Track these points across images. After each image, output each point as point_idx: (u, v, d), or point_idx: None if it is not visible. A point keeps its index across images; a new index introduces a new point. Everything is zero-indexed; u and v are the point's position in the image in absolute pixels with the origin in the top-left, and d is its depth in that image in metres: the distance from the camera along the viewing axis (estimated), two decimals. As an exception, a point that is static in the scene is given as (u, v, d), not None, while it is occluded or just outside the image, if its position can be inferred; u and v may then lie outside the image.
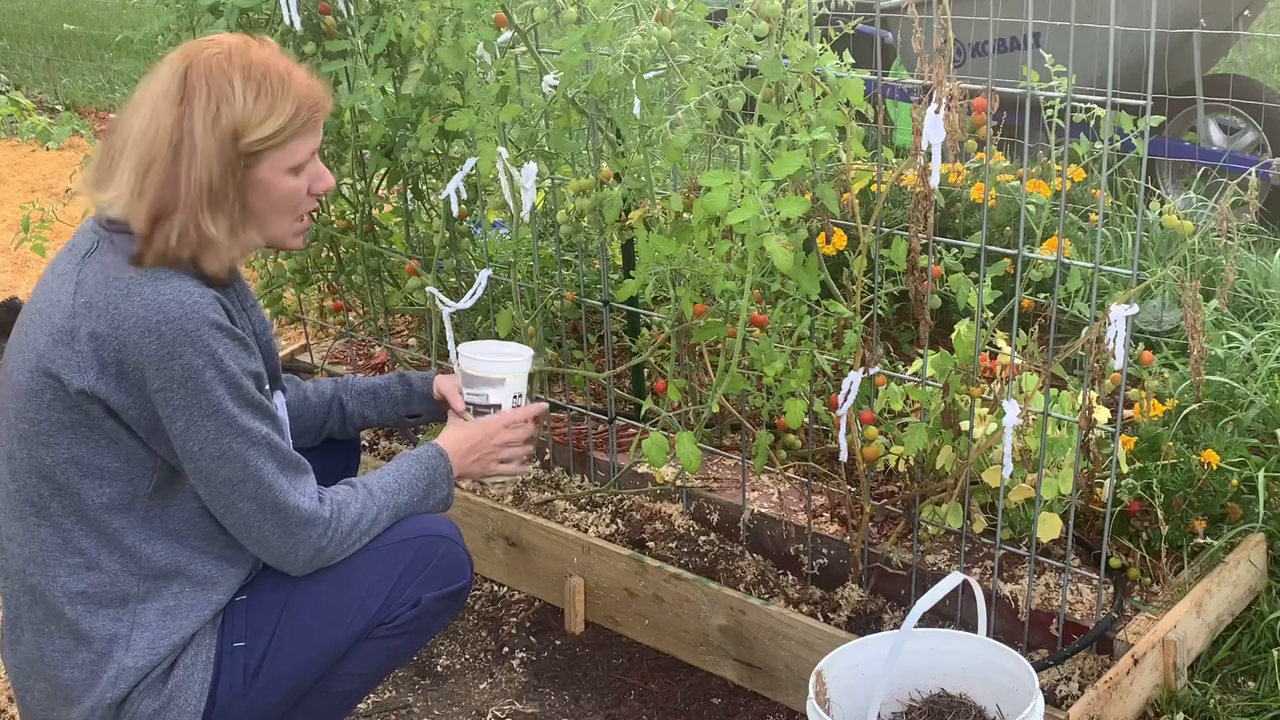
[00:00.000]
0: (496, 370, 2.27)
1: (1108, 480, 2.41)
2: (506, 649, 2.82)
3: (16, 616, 1.90)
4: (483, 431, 2.24)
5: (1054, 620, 2.48)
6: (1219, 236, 2.35)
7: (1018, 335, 2.35)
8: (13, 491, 1.87)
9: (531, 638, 2.85)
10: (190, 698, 1.88)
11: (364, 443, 3.44)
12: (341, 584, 1.96)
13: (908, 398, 2.71)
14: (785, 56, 2.27)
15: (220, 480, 1.84)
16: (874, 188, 3.10)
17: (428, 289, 3.01)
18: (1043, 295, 2.81)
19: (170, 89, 1.81)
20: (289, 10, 2.88)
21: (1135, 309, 2.16)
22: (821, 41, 2.29)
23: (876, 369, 2.49)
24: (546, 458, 3.27)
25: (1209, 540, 2.59)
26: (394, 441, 3.48)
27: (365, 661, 2.03)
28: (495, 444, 2.24)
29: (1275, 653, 2.48)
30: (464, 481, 2.32)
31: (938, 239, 2.38)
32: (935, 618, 2.58)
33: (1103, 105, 2.14)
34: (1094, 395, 2.33)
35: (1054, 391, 2.48)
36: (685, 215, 2.45)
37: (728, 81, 2.33)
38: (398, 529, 2.05)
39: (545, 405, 2.43)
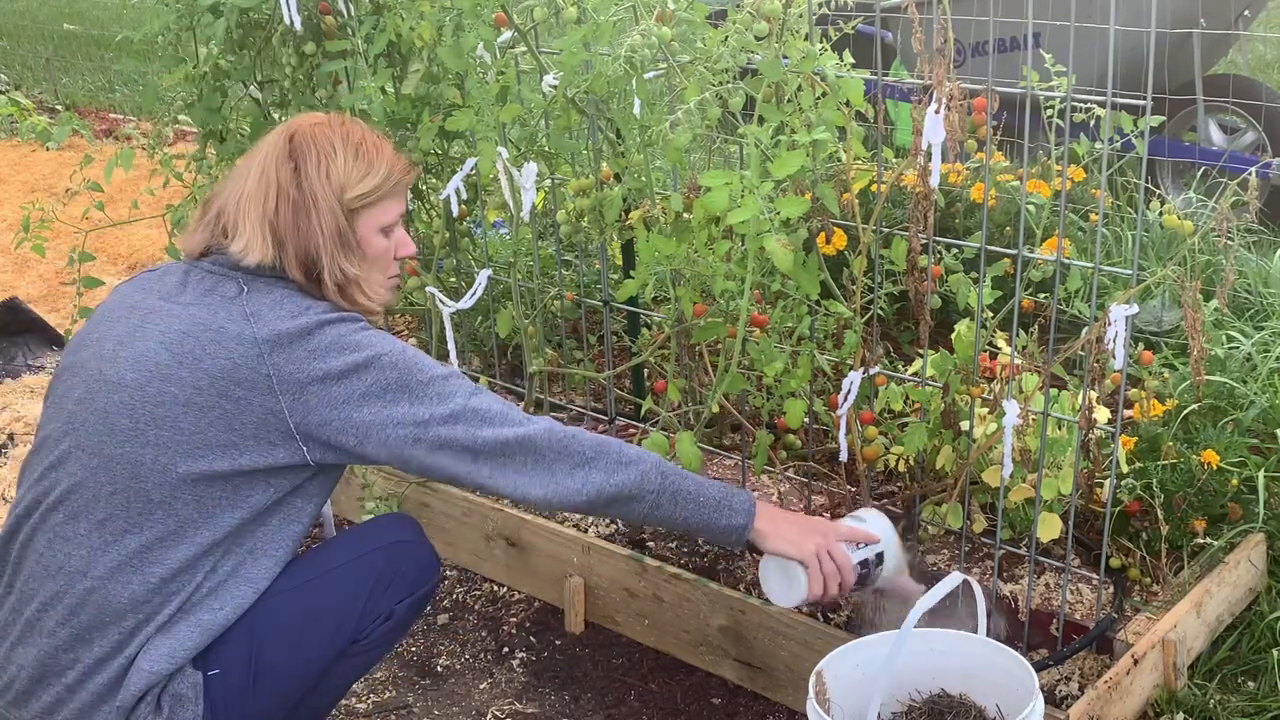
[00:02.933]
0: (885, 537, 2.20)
1: (1108, 480, 2.40)
2: (506, 649, 2.82)
3: (36, 619, 1.89)
4: (815, 521, 2.15)
5: (1054, 620, 2.48)
6: (1219, 236, 2.35)
7: (1018, 335, 2.35)
8: (105, 494, 1.86)
9: (531, 638, 2.85)
10: (187, 716, 1.89)
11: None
12: (313, 611, 1.99)
13: (908, 398, 2.71)
14: (785, 56, 2.27)
15: (450, 443, 1.92)
16: (874, 188, 3.09)
17: (428, 289, 3.01)
18: (1043, 295, 2.81)
19: (279, 153, 1.98)
20: (289, 10, 2.88)
21: (1135, 309, 2.16)
22: (821, 41, 2.29)
23: (876, 369, 2.49)
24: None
25: (1209, 540, 2.59)
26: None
27: (339, 677, 2.07)
28: (822, 531, 2.11)
29: (1275, 653, 2.48)
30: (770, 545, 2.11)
31: (938, 239, 2.38)
32: (934, 618, 2.58)
33: (1103, 105, 2.14)
34: (1094, 395, 2.33)
35: (1054, 391, 2.48)
36: (685, 215, 2.45)
37: (728, 81, 2.33)
38: (359, 541, 2.09)
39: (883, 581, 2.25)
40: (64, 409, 1.93)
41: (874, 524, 2.21)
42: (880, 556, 2.19)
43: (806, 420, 2.56)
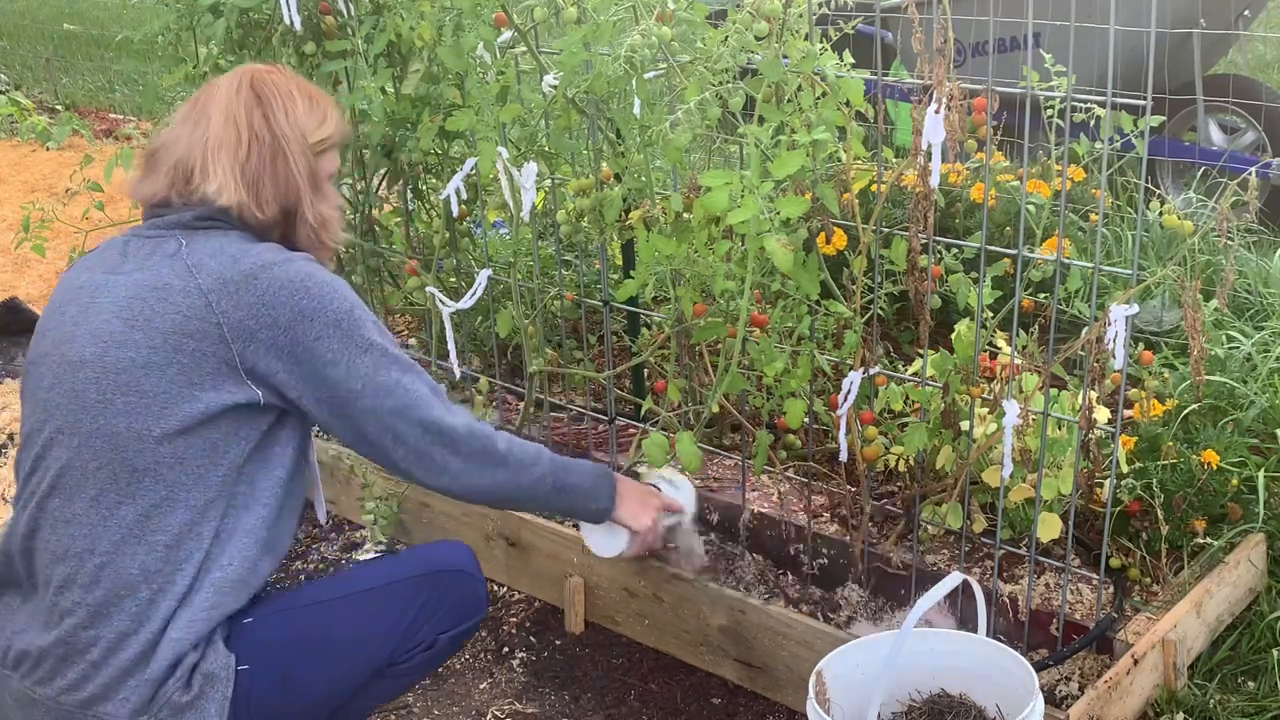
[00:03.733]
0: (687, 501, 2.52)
1: (1108, 480, 2.40)
2: (506, 649, 2.82)
3: (55, 602, 1.88)
4: (649, 491, 2.43)
5: (1054, 620, 2.48)
6: (1219, 236, 2.35)
7: (1018, 335, 2.35)
8: (92, 470, 1.87)
9: (531, 638, 2.85)
10: (216, 697, 1.87)
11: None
12: (357, 625, 1.99)
13: (908, 398, 2.71)
14: (785, 56, 2.27)
15: (387, 411, 1.95)
16: (874, 188, 3.10)
17: (428, 289, 3.01)
18: (1043, 295, 2.81)
19: (243, 98, 1.99)
20: (289, 10, 2.88)
21: (1135, 309, 2.16)
22: (821, 41, 2.29)
23: (876, 369, 2.49)
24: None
25: (1209, 540, 2.59)
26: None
27: (370, 697, 2.07)
28: (656, 504, 2.41)
29: (1275, 653, 2.48)
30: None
31: (938, 239, 2.38)
32: (935, 617, 2.58)
33: (1103, 105, 2.14)
34: (1094, 395, 2.33)
35: (1054, 391, 2.48)
36: (685, 215, 2.45)
37: (728, 81, 2.33)
38: (414, 562, 2.11)
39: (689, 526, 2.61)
40: (38, 399, 1.94)
41: (685, 494, 2.50)
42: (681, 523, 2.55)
43: (806, 420, 2.56)
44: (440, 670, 2.76)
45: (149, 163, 2.02)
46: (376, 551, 3.17)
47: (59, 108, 8.15)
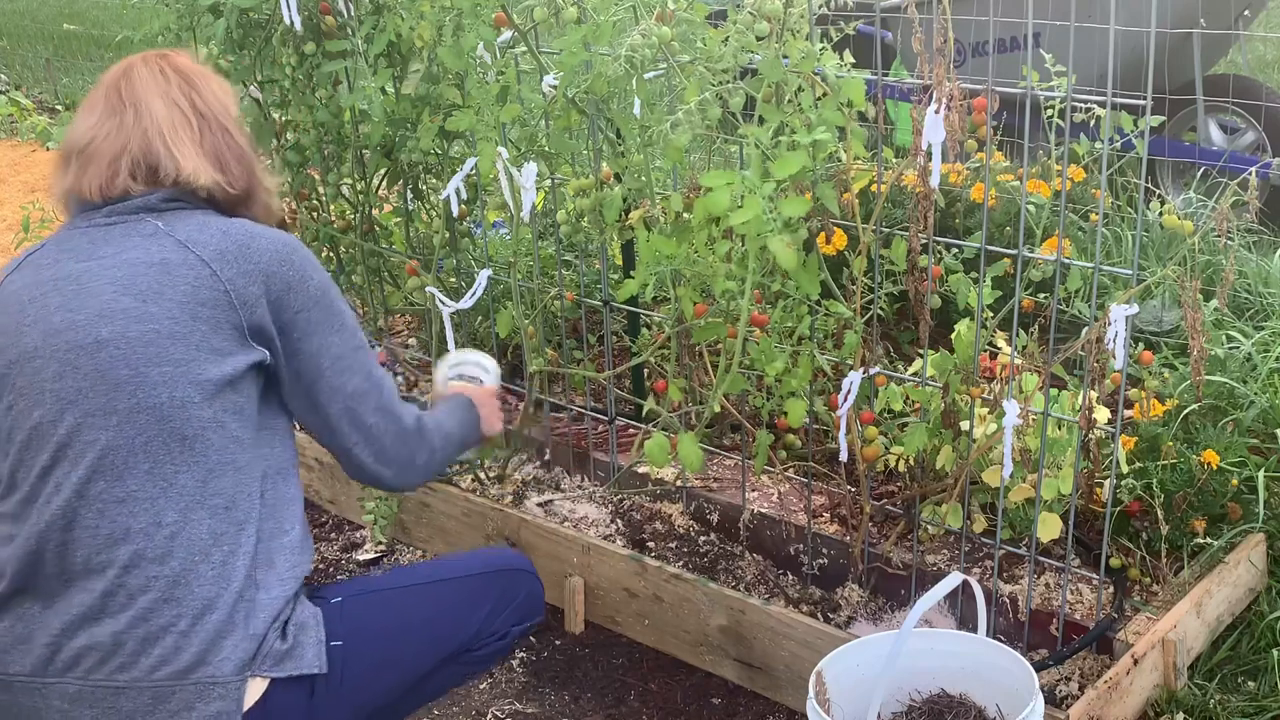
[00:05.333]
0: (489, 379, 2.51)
1: (1108, 480, 2.41)
2: (506, 649, 2.82)
3: (117, 588, 1.86)
4: (488, 395, 2.44)
5: (1054, 620, 2.48)
6: (1219, 236, 2.36)
7: (1018, 335, 2.35)
8: (140, 445, 1.86)
9: (531, 638, 2.85)
10: (311, 642, 1.91)
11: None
12: (441, 609, 2.08)
13: (908, 398, 2.71)
14: (785, 56, 2.27)
15: (349, 393, 2.00)
16: (874, 188, 3.10)
17: (428, 289, 3.01)
18: (1043, 295, 2.81)
19: (172, 80, 2.02)
20: (289, 10, 2.88)
21: (1135, 309, 2.16)
22: (822, 42, 2.29)
23: (876, 369, 2.49)
24: (547, 458, 3.27)
25: (1209, 540, 2.59)
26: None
27: (436, 682, 2.11)
28: (498, 405, 2.44)
29: (1275, 653, 2.48)
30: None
31: (938, 239, 2.38)
32: (935, 617, 2.58)
33: (1103, 105, 2.14)
34: (1094, 395, 2.33)
35: (1054, 391, 2.48)
36: (685, 215, 2.45)
37: (728, 81, 2.33)
38: (484, 560, 2.21)
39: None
40: (43, 393, 1.90)
41: (491, 368, 2.50)
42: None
43: (806, 420, 2.56)
44: (440, 670, 2.76)
45: (78, 159, 2.00)
46: (376, 552, 3.17)
47: (59, 108, 8.15)
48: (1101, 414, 2.45)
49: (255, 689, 1.84)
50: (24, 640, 1.87)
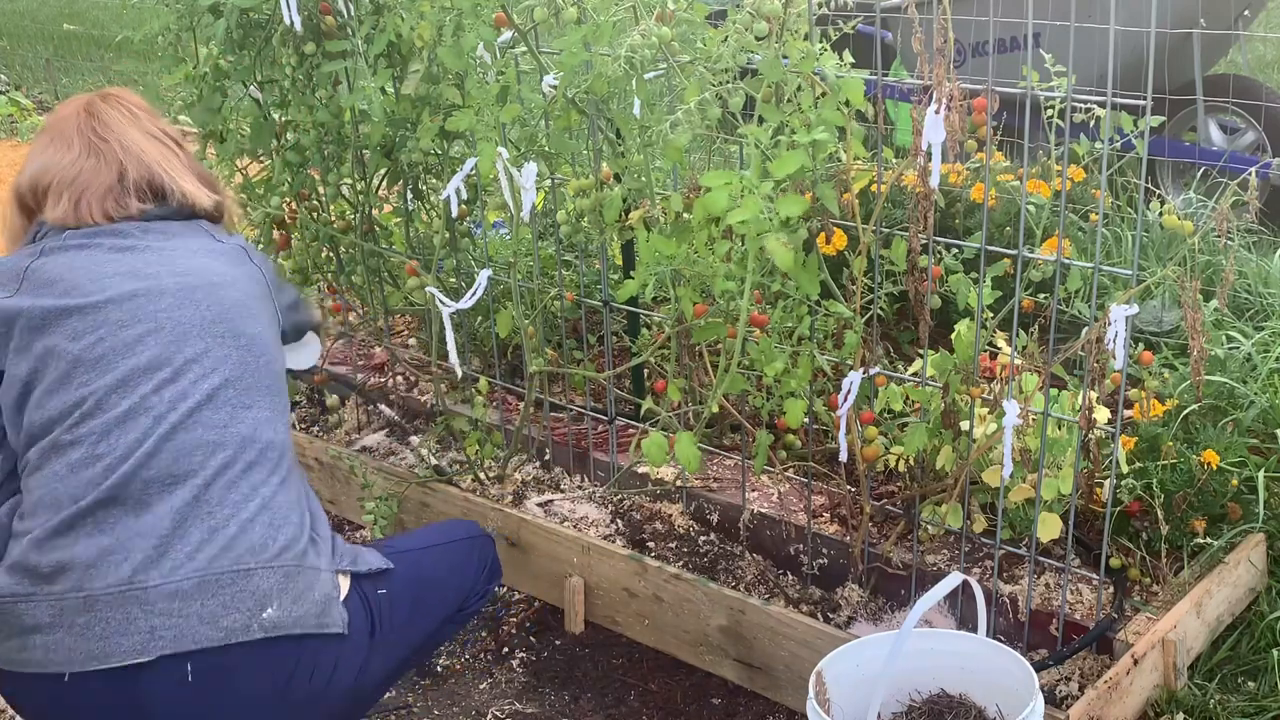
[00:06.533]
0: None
1: (1108, 480, 2.41)
2: (506, 649, 2.82)
3: (238, 479, 1.98)
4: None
5: (1054, 620, 2.48)
6: (1219, 236, 2.36)
7: (1018, 335, 2.35)
8: (261, 367, 2.06)
9: (531, 638, 2.85)
10: (366, 551, 2.14)
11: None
12: (451, 569, 2.28)
13: (908, 398, 2.71)
14: (785, 56, 2.27)
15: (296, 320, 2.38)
16: (874, 188, 3.10)
17: (428, 289, 3.01)
18: (1043, 295, 2.81)
19: (137, 114, 2.22)
20: (289, 10, 2.87)
21: (1135, 309, 2.16)
22: (821, 41, 2.29)
23: (876, 369, 2.49)
24: (547, 458, 3.27)
25: (1209, 540, 2.59)
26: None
27: (436, 638, 2.27)
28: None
29: (1275, 653, 2.48)
30: None
31: (938, 239, 2.38)
32: (935, 617, 2.58)
33: (1103, 105, 2.14)
34: (1094, 395, 2.33)
35: (1054, 391, 2.48)
36: (685, 215, 2.45)
37: (728, 81, 2.33)
38: (458, 526, 2.42)
39: None
40: (156, 327, 2.00)
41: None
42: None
43: (806, 420, 2.56)
44: (440, 670, 2.76)
45: (69, 191, 2.10)
46: (376, 551, 3.17)
47: (59, 108, 8.15)
48: (1101, 414, 2.45)
49: (343, 585, 2.04)
50: (114, 550, 1.90)
